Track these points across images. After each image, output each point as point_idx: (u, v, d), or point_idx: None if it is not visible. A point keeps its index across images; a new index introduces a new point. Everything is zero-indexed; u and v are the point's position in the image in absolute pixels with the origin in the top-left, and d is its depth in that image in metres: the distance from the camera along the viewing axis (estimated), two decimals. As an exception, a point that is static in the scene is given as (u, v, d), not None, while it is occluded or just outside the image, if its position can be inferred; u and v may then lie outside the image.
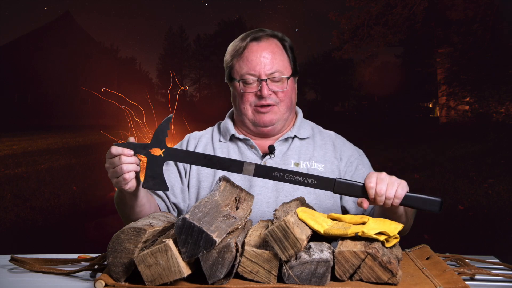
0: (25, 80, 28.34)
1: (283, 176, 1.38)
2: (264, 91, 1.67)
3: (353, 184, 1.37)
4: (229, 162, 1.42)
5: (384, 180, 1.34)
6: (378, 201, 1.34)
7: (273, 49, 1.71)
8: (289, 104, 1.74)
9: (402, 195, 1.34)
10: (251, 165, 1.40)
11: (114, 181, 1.42)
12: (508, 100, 12.28)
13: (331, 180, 1.37)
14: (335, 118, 24.57)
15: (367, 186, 1.34)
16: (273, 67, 1.69)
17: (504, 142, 10.98)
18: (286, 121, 1.76)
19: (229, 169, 1.41)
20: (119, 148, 1.39)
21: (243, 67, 1.71)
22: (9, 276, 1.33)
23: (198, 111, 25.55)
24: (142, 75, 39.02)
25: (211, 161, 1.42)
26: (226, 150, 1.79)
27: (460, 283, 1.15)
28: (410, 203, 1.35)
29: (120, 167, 1.38)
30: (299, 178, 1.38)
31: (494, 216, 6.51)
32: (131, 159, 1.39)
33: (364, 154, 1.83)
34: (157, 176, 1.41)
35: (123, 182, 1.40)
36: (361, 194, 1.36)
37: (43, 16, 32.52)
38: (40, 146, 14.36)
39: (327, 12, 13.36)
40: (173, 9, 36.27)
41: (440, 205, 1.33)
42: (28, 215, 6.91)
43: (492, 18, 12.10)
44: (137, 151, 1.40)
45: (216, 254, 1.11)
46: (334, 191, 1.37)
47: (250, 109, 1.72)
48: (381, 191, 1.33)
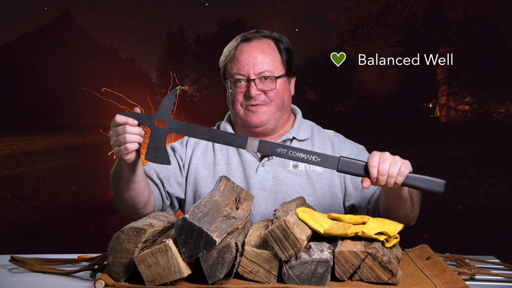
0: (25, 80, 28.31)
1: (286, 152, 1.37)
2: (251, 91, 1.67)
3: (356, 163, 1.36)
4: (232, 137, 1.41)
5: (387, 160, 1.33)
6: (380, 180, 1.33)
7: (264, 49, 1.71)
8: (280, 104, 1.72)
9: (405, 172, 1.33)
10: (255, 141, 1.39)
11: (115, 150, 1.41)
12: (508, 100, 12.27)
13: (335, 158, 1.36)
14: (335, 118, 24.56)
15: (369, 165, 1.34)
16: (262, 67, 1.69)
17: (504, 142, 10.97)
18: (278, 121, 1.75)
19: (233, 143, 1.41)
20: (123, 117, 1.38)
21: (233, 67, 1.72)
22: (9, 276, 1.33)
23: (198, 111, 25.53)
24: (142, 75, 39.00)
25: (215, 135, 1.41)
26: (226, 152, 1.79)
27: (460, 283, 1.15)
28: (414, 183, 1.34)
29: (123, 136, 1.38)
30: (302, 155, 1.37)
31: (494, 216, 6.51)
32: (135, 130, 1.38)
33: (364, 150, 1.81)
34: (159, 148, 1.40)
35: (124, 152, 1.39)
36: (363, 173, 1.36)
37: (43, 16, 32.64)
38: (40, 146, 14.34)
39: (327, 12, 13.35)
40: (173, 9, 36.35)
41: (445, 187, 1.32)
42: (28, 215, 6.91)
43: (492, 18, 12.10)
44: (142, 121, 1.39)
45: (216, 254, 1.11)
46: (338, 170, 1.36)
47: (241, 110, 1.72)
48: (383, 170, 1.32)
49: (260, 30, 1.78)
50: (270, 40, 1.76)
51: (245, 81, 1.70)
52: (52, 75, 29.06)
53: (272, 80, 1.70)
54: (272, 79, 1.70)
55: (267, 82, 1.70)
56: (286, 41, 1.80)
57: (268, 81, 1.70)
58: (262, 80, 1.69)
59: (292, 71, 1.79)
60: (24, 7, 25.03)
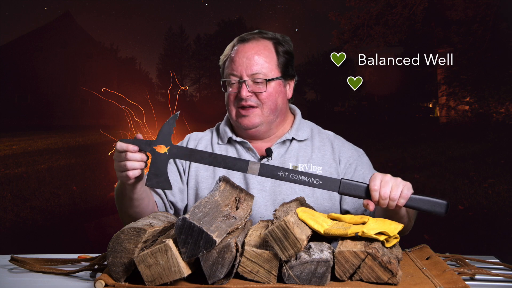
0: (25, 80, 28.29)
1: (288, 175, 1.38)
2: (242, 92, 1.66)
3: (358, 185, 1.36)
4: (233, 161, 1.41)
5: (389, 183, 1.33)
6: (381, 204, 1.34)
7: (259, 51, 1.69)
8: (273, 107, 1.70)
9: (408, 195, 1.33)
10: (256, 164, 1.39)
11: (118, 175, 1.44)
12: (508, 100, 12.27)
13: (336, 180, 1.37)
14: (335, 118, 24.56)
15: (371, 189, 1.34)
16: (255, 69, 1.67)
17: (504, 142, 10.97)
18: (271, 124, 1.73)
19: (234, 168, 1.41)
20: (123, 144, 1.40)
21: (228, 67, 1.72)
22: (9, 276, 1.33)
23: (198, 111, 25.52)
24: (142, 75, 38.95)
25: (216, 159, 1.42)
26: (225, 153, 1.78)
27: (460, 283, 1.15)
28: (416, 205, 1.34)
29: (125, 163, 1.40)
30: (304, 178, 1.37)
31: (494, 216, 6.51)
32: (136, 156, 1.40)
33: (364, 154, 1.81)
34: (160, 174, 1.41)
35: (126, 178, 1.42)
36: (365, 196, 1.36)
37: (43, 16, 32.56)
38: (40, 146, 14.33)
39: (327, 12, 13.34)
40: (173, 9, 36.30)
41: (447, 208, 1.32)
42: (28, 215, 6.91)
43: (492, 18, 12.10)
44: (142, 147, 1.40)
45: (216, 254, 1.11)
46: (339, 192, 1.36)
47: (234, 110, 1.72)
48: (385, 194, 1.32)
49: (262, 31, 1.76)
50: (269, 41, 1.73)
51: (238, 82, 1.69)
52: (52, 75, 29.04)
53: (265, 83, 1.68)
54: (264, 82, 1.68)
55: (260, 84, 1.68)
56: (289, 43, 1.76)
57: (261, 83, 1.68)
58: (255, 81, 1.68)
59: (289, 74, 1.75)
60: (24, 7, 25.01)
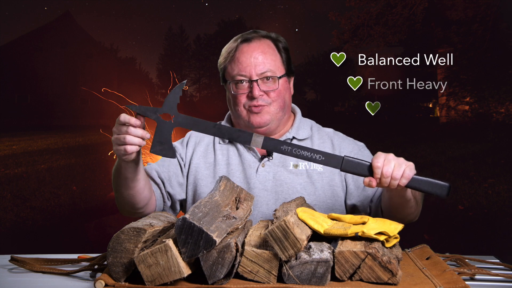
0: (25, 80, 28.28)
1: (291, 150, 1.38)
2: (255, 92, 1.67)
3: (360, 163, 1.36)
4: (238, 133, 1.42)
5: (391, 162, 1.33)
6: (383, 182, 1.34)
7: (264, 49, 1.72)
8: (282, 104, 1.73)
9: (410, 175, 1.33)
10: (260, 137, 1.39)
11: (114, 148, 1.40)
12: (508, 100, 12.27)
13: (339, 157, 1.36)
14: (335, 118, 24.52)
15: (373, 166, 1.34)
16: (264, 67, 1.69)
17: (504, 142, 10.97)
18: (280, 121, 1.76)
19: (238, 139, 1.42)
20: (127, 116, 1.37)
21: (234, 68, 1.71)
22: (9, 276, 1.33)
23: (198, 111, 25.49)
24: (142, 75, 38.92)
25: (220, 130, 1.42)
26: (226, 152, 1.79)
27: (460, 283, 1.15)
28: (417, 186, 1.34)
29: (124, 136, 1.37)
30: (306, 153, 1.37)
31: (494, 216, 6.51)
32: (137, 132, 1.38)
33: (364, 147, 1.82)
34: (165, 141, 1.40)
35: (122, 152, 1.39)
36: (367, 174, 1.36)
37: (43, 16, 32.53)
38: (40, 146, 14.33)
39: (327, 12, 13.33)
40: (173, 9, 36.23)
41: (448, 190, 1.32)
42: (28, 215, 6.91)
43: (492, 18, 12.10)
44: (148, 114, 1.39)
45: (216, 254, 1.11)
46: (341, 169, 1.36)
47: (244, 111, 1.72)
48: (387, 172, 1.32)
49: (257, 31, 1.79)
50: (268, 40, 1.76)
51: (247, 82, 1.70)
52: (52, 75, 29.03)
53: (275, 80, 1.70)
54: (275, 79, 1.70)
55: (269, 82, 1.70)
56: (283, 40, 1.80)
57: (270, 81, 1.70)
58: (264, 80, 1.69)
59: (291, 70, 1.79)
60: (24, 7, 24.96)
